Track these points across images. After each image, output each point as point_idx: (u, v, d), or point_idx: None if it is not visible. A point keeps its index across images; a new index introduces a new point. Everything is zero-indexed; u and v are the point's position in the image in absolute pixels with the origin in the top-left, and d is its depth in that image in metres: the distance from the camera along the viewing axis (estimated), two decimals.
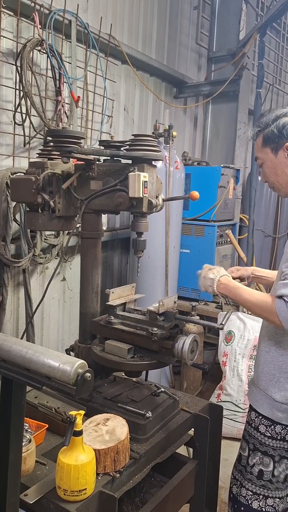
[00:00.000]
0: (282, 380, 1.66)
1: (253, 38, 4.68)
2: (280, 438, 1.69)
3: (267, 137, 1.71)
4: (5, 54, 2.82)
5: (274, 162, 1.71)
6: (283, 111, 1.71)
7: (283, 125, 1.67)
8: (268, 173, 1.76)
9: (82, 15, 3.25)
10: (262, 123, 1.73)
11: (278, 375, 1.67)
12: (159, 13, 4.38)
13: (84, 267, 2.09)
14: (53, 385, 1.16)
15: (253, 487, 1.77)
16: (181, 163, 3.75)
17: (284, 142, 1.66)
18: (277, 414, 1.69)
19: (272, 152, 1.71)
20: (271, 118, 1.71)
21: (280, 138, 1.67)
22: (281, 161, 1.69)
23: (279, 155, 1.69)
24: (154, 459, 1.82)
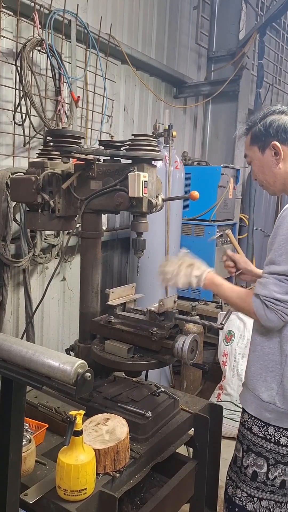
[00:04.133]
0: (269, 380, 1.62)
1: (253, 38, 4.69)
2: (274, 441, 1.64)
3: (255, 135, 1.69)
4: (5, 54, 2.82)
5: (262, 160, 1.69)
6: (271, 109, 1.69)
7: (270, 124, 1.64)
8: (256, 171, 1.75)
9: (82, 15, 3.25)
10: (251, 121, 1.72)
11: (264, 374, 1.64)
12: (159, 13, 4.38)
13: (84, 267, 2.09)
14: (53, 385, 1.16)
15: (248, 488, 1.73)
16: (181, 163, 3.75)
17: (271, 140, 1.64)
18: (265, 414, 1.64)
19: (259, 151, 1.69)
20: (259, 116, 1.69)
21: (266, 137, 1.65)
22: (268, 159, 1.67)
23: (266, 153, 1.66)
24: (154, 459, 1.82)
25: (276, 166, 1.66)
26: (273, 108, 1.69)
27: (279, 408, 1.60)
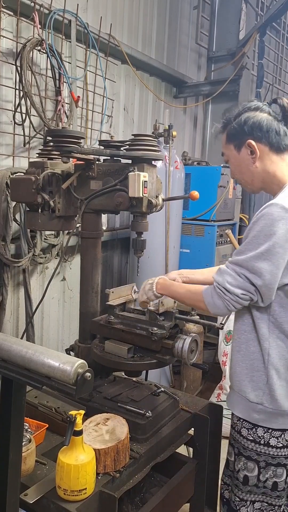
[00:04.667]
0: (256, 379, 1.57)
1: (253, 38, 4.68)
2: (264, 443, 1.57)
3: (230, 133, 1.62)
4: (5, 54, 2.82)
5: (238, 159, 1.63)
6: (247, 105, 1.61)
7: (244, 121, 1.57)
8: (233, 170, 1.69)
9: (82, 15, 3.25)
10: (226, 118, 1.65)
11: (250, 374, 1.58)
12: (159, 13, 4.38)
13: (84, 267, 2.09)
14: (53, 385, 1.16)
15: (240, 493, 1.66)
16: (181, 163, 3.75)
17: (246, 138, 1.57)
18: (253, 415, 1.58)
19: (235, 149, 1.62)
20: (234, 114, 1.62)
21: (242, 135, 1.58)
22: (244, 158, 1.60)
23: (242, 152, 1.60)
24: (154, 459, 1.82)
25: (252, 165, 1.59)
26: (249, 104, 1.62)
27: (267, 408, 1.56)
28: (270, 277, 1.43)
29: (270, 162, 1.57)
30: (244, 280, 1.46)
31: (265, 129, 1.55)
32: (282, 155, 1.58)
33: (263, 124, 1.55)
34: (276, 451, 1.57)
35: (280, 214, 1.40)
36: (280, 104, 1.58)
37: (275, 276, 1.43)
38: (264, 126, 1.55)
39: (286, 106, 1.58)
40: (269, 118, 1.56)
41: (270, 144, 1.56)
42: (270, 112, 1.58)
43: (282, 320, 1.52)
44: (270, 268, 1.42)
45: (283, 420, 1.56)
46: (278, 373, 1.54)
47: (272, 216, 1.41)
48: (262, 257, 1.43)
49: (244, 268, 1.47)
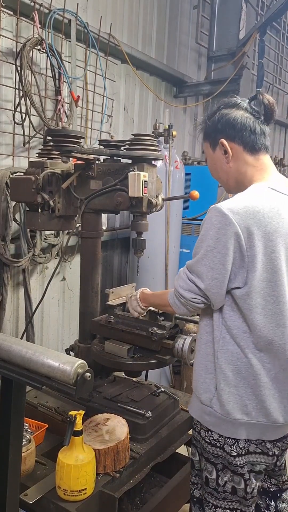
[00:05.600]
0: (208, 381, 1.51)
1: (253, 37, 4.68)
2: (219, 446, 1.49)
3: (205, 131, 1.59)
4: (5, 53, 2.82)
5: (213, 157, 1.58)
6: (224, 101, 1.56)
7: (218, 119, 1.52)
8: (210, 168, 1.65)
9: (81, 15, 3.25)
10: (205, 116, 1.60)
11: (204, 375, 1.52)
12: (159, 12, 4.37)
13: (84, 267, 2.09)
14: (53, 385, 1.16)
15: (203, 493, 1.59)
16: (181, 163, 3.75)
17: (219, 137, 1.52)
18: (205, 417, 1.52)
19: (210, 147, 1.58)
20: (210, 113, 1.58)
21: (215, 133, 1.54)
22: (218, 157, 1.55)
23: (217, 151, 1.55)
24: (154, 459, 1.82)
25: (226, 164, 1.54)
26: (227, 100, 1.56)
27: (216, 412, 1.48)
28: (211, 281, 1.41)
29: (244, 162, 1.52)
30: (193, 284, 1.46)
31: (239, 127, 1.49)
32: (257, 155, 1.51)
33: (236, 122, 1.49)
34: (231, 458, 1.47)
35: (218, 219, 1.38)
36: (259, 100, 1.50)
37: (215, 280, 1.40)
38: (237, 124, 1.49)
39: (266, 103, 1.50)
40: (245, 116, 1.50)
41: (244, 144, 1.50)
42: (248, 109, 1.51)
43: (231, 324, 1.45)
44: (209, 273, 1.41)
45: (233, 430, 1.47)
46: (226, 378, 1.46)
47: (210, 220, 1.41)
48: (202, 262, 1.43)
49: (190, 272, 1.47)
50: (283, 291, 1.41)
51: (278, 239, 1.38)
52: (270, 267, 1.38)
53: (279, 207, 1.41)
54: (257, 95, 1.51)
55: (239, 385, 1.45)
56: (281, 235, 1.39)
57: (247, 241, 1.36)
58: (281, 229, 1.39)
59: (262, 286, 1.39)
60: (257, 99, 1.51)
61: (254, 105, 1.52)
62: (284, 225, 1.40)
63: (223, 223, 1.37)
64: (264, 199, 1.41)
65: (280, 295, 1.41)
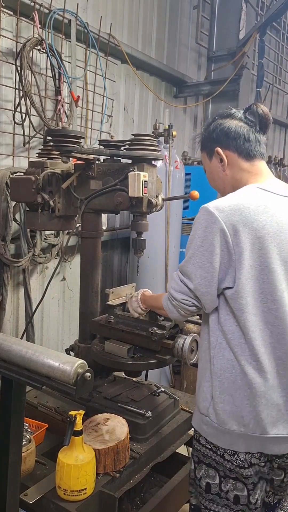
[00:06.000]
0: (205, 390, 1.48)
1: (253, 37, 4.68)
2: (220, 454, 1.45)
3: (202, 142, 1.63)
4: (5, 53, 2.82)
5: (210, 167, 1.62)
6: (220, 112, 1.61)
7: (213, 129, 1.57)
8: (208, 178, 1.69)
9: (81, 15, 3.25)
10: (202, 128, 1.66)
11: (203, 383, 1.51)
12: (159, 12, 4.37)
13: (84, 267, 2.09)
14: (53, 385, 1.16)
15: (204, 501, 1.54)
16: (181, 163, 3.75)
17: (214, 146, 1.56)
18: (203, 427, 1.48)
19: (207, 157, 1.62)
20: (206, 124, 1.63)
21: (211, 143, 1.58)
22: (215, 165, 1.59)
23: (213, 160, 1.59)
24: (154, 459, 1.82)
25: (222, 172, 1.57)
26: (221, 112, 1.61)
27: (213, 422, 1.43)
28: (199, 280, 1.40)
29: (239, 169, 1.54)
30: (184, 285, 1.46)
31: (233, 135, 1.53)
32: (252, 162, 1.54)
33: (230, 131, 1.53)
34: (231, 465, 1.43)
35: (204, 217, 1.39)
36: (253, 111, 1.54)
37: (204, 279, 1.40)
38: (231, 133, 1.53)
39: (260, 113, 1.54)
40: (239, 125, 1.54)
41: (238, 151, 1.53)
42: (242, 118, 1.55)
43: (227, 329, 1.42)
44: (197, 271, 1.40)
45: (231, 440, 1.41)
46: (221, 386, 1.42)
47: (198, 220, 1.42)
48: (190, 261, 1.43)
49: (181, 273, 1.48)
50: (271, 289, 1.37)
51: (266, 236, 1.36)
52: (257, 265, 1.37)
53: (266, 204, 1.40)
54: (251, 106, 1.55)
55: (235, 394, 1.40)
56: (269, 232, 1.37)
57: (233, 238, 1.35)
58: (269, 226, 1.37)
59: (251, 285, 1.37)
60: (251, 109, 1.55)
61: (248, 115, 1.55)
62: (272, 222, 1.38)
63: (209, 221, 1.38)
64: (250, 197, 1.41)
65: (268, 293, 1.37)
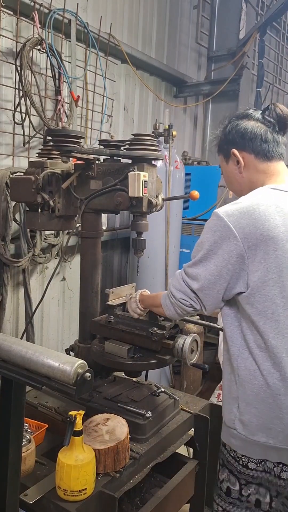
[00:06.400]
0: (230, 401, 1.46)
1: (253, 37, 4.68)
2: (242, 464, 1.44)
3: (219, 145, 1.61)
4: (5, 53, 2.82)
5: (227, 170, 1.60)
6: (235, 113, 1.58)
7: (229, 131, 1.54)
8: (225, 181, 1.67)
9: (81, 15, 3.24)
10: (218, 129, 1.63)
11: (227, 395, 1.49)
12: (159, 12, 4.37)
13: (84, 267, 2.09)
14: (53, 385, 1.16)
15: (223, 503, 1.54)
16: (181, 163, 3.75)
17: (230, 148, 1.54)
18: (231, 440, 1.46)
19: (224, 160, 1.60)
20: (224, 124, 1.59)
21: (227, 145, 1.55)
22: (232, 168, 1.57)
23: (230, 163, 1.57)
24: (154, 459, 1.82)
25: (239, 175, 1.55)
26: (237, 112, 1.58)
27: (241, 434, 1.41)
28: (205, 282, 1.40)
29: (255, 170, 1.51)
30: (186, 285, 1.46)
31: (249, 136, 1.49)
32: (269, 163, 1.50)
33: (247, 132, 1.50)
34: (255, 473, 1.43)
35: (214, 222, 1.39)
36: (271, 110, 1.50)
37: (210, 282, 1.39)
38: (248, 134, 1.49)
39: (279, 112, 1.49)
40: (256, 125, 1.50)
41: (255, 152, 1.50)
42: (259, 119, 1.52)
43: (248, 337, 1.39)
44: (204, 274, 1.40)
45: (261, 451, 1.40)
46: (246, 398, 1.39)
47: (209, 224, 1.42)
48: (199, 264, 1.42)
49: (186, 274, 1.47)
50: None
51: (280, 236, 1.32)
52: (275, 267, 1.32)
53: (278, 204, 1.37)
54: (269, 105, 1.52)
55: (260, 406, 1.37)
56: (283, 232, 1.33)
57: (245, 242, 1.33)
58: (281, 225, 1.33)
59: (269, 288, 1.33)
60: (270, 109, 1.51)
61: (267, 115, 1.51)
62: (286, 222, 1.35)
63: (218, 226, 1.37)
64: (260, 198, 1.38)
65: None
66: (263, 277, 1.33)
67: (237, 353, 1.43)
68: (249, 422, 1.39)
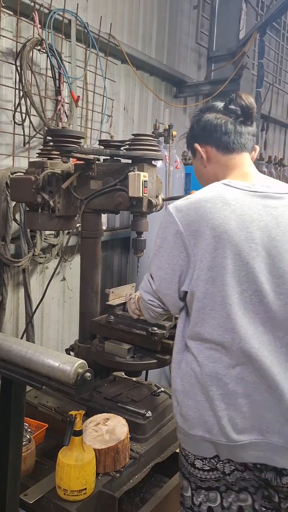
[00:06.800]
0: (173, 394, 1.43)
1: (253, 37, 4.68)
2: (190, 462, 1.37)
3: (187, 140, 1.57)
4: (5, 53, 2.82)
5: (195, 164, 1.56)
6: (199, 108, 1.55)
7: (192, 126, 1.51)
8: (196, 177, 1.62)
9: (81, 15, 3.24)
10: None
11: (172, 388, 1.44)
12: (159, 12, 4.37)
13: (84, 267, 2.09)
14: (53, 385, 1.16)
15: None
16: (181, 163, 3.75)
17: (193, 143, 1.50)
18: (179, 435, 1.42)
19: (192, 155, 1.56)
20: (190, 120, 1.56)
21: (192, 140, 1.51)
22: (197, 162, 1.53)
23: (196, 157, 1.52)
24: (154, 459, 1.82)
25: (204, 169, 1.50)
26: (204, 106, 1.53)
27: (181, 428, 1.37)
28: (160, 282, 1.38)
29: (217, 163, 1.46)
30: (150, 285, 1.43)
31: (209, 129, 1.44)
32: (231, 155, 1.44)
33: (207, 124, 1.45)
34: (203, 473, 1.34)
35: (165, 218, 1.37)
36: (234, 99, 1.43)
37: (164, 280, 1.36)
38: (208, 126, 1.45)
39: (241, 103, 1.42)
40: (217, 117, 1.44)
41: (216, 145, 1.45)
42: (221, 110, 1.46)
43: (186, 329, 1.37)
44: (158, 272, 1.38)
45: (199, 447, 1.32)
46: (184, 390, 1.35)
47: (162, 220, 1.39)
48: (152, 262, 1.40)
49: (149, 273, 1.44)
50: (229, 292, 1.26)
51: (222, 235, 1.26)
52: (214, 265, 1.27)
53: (225, 201, 1.29)
54: (232, 95, 1.44)
55: (195, 398, 1.33)
56: (226, 231, 1.26)
57: (190, 238, 1.30)
58: (226, 224, 1.27)
59: (208, 286, 1.28)
60: (232, 99, 1.44)
61: (230, 106, 1.44)
62: (231, 220, 1.27)
63: (168, 222, 1.35)
64: (209, 195, 1.33)
65: (226, 296, 1.27)
66: (203, 275, 1.29)
67: (179, 346, 1.41)
68: (187, 415, 1.35)
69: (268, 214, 1.30)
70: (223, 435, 1.28)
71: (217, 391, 1.29)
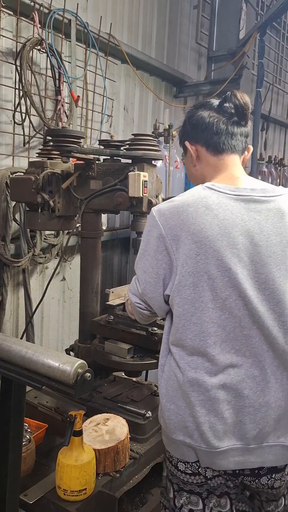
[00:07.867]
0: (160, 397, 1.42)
1: (253, 37, 4.68)
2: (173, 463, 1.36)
3: (178, 136, 1.54)
4: (5, 53, 2.82)
5: (186, 161, 1.53)
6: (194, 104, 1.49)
7: (184, 122, 1.47)
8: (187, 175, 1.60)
9: (81, 15, 3.24)
10: None
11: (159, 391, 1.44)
12: (159, 12, 4.37)
13: (84, 267, 2.09)
14: (53, 385, 1.16)
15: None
16: (181, 163, 3.74)
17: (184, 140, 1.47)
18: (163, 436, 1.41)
19: (183, 152, 1.53)
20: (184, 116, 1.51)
21: (184, 137, 1.48)
22: (188, 160, 1.49)
23: (187, 154, 1.48)
24: (154, 459, 1.82)
25: (193, 168, 1.47)
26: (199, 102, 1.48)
27: (164, 431, 1.37)
28: (145, 285, 1.36)
29: (207, 164, 1.43)
30: (137, 288, 1.41)
31: (201, 127, 1.40)
32: (220, 156, 1.40)
33: (199, 123, 1.40)
34: (185, 476, 1.33)
35: (149, 221, 1.35)
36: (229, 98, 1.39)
37: (149, 284, 1.35)
38: (199, 125, 1.40)
39: (236, 103, 1.38)
40: (210, 115, 1.39)
41: (206, 145, 1.41)
42: (216, 108, 1.41)
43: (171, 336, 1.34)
44: (143, 276, 1.36)
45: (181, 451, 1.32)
46: (167, 394, 1.34)
47: (147, 222, 1.37)
48: (137, 265, 1.39)
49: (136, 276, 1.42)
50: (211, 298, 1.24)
51: (204, 241, 1.23)
52: (196, 271, 1.24)
53: (207, 206, 1.26)
54: (227, 93, 1.40)
55: (178, 403, 1.31)
56: (207, 236, 1.23)
57: (172, 243, 1.27)
58: (208, 230, 1.24)
59: (189, 292, 1.26)
60: (227, 98, 1.40)
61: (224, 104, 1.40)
62: (213, 226, 1.24)
63: (151, 225, 1.33)
64: (192, 199, 1.29)
65: (209, 301, 1.24)
66: (184, 280, 1.26)
67: (163, 349, 1.39)
68: (168, 419, 1.33)
69: (252, 218, 1.27)
70: (203, 440, 1.27)
71: (198, 397, 1.27)
